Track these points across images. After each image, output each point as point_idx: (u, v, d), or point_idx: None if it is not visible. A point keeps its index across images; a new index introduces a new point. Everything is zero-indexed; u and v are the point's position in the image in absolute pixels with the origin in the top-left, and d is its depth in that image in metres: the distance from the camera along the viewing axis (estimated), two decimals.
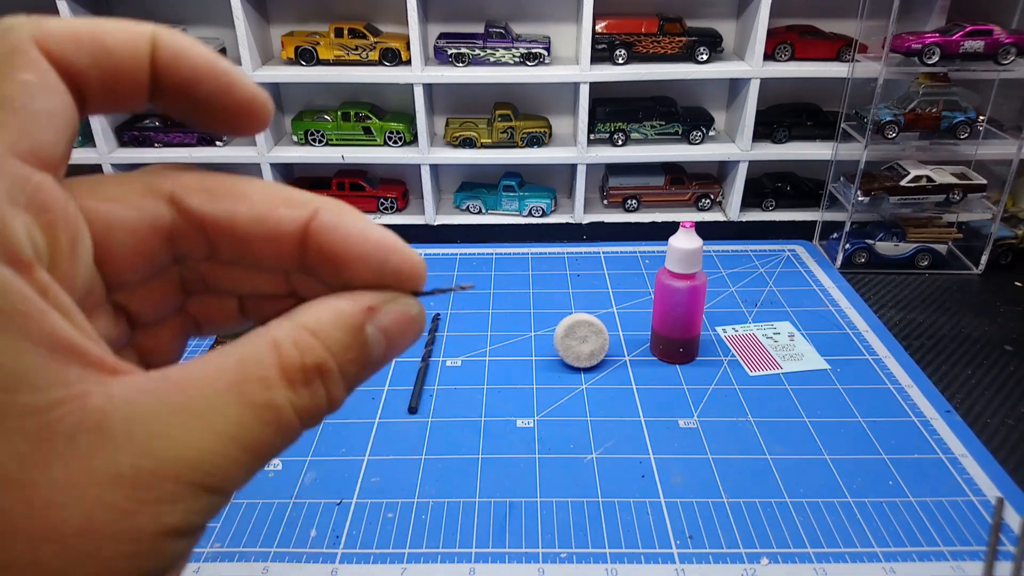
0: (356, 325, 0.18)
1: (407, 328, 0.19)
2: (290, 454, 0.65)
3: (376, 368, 0.19)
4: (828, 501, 0.60)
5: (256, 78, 1.00)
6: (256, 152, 1.05)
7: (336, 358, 0.17)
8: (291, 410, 0.16)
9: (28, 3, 1.04)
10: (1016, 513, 0.58)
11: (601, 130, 1.05)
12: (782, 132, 1.07)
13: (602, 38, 0.99)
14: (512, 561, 0.55)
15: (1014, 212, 1.02)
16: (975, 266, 0.97)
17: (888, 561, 0.55)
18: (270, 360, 0.16)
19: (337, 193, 1.09)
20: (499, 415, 0.70)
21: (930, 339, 0.82)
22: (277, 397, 0.16)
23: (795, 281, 0.94)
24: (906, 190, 0.94)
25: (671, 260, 0.73)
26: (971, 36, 0.88)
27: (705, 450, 0.65)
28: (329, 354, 0.17)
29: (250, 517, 0.59)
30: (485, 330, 0.84)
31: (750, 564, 0.55)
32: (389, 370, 0.77)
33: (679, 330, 0.75)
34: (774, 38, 0.99)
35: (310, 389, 0.17)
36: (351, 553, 0.56)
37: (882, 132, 0.92)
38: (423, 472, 0.64)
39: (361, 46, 1.00)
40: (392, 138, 1.06)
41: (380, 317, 0.18)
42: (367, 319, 0.18)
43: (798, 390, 0.73)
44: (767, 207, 1.10)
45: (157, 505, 0.15)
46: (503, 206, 1.09)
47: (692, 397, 0.72)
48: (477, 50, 1.00)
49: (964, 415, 0.70)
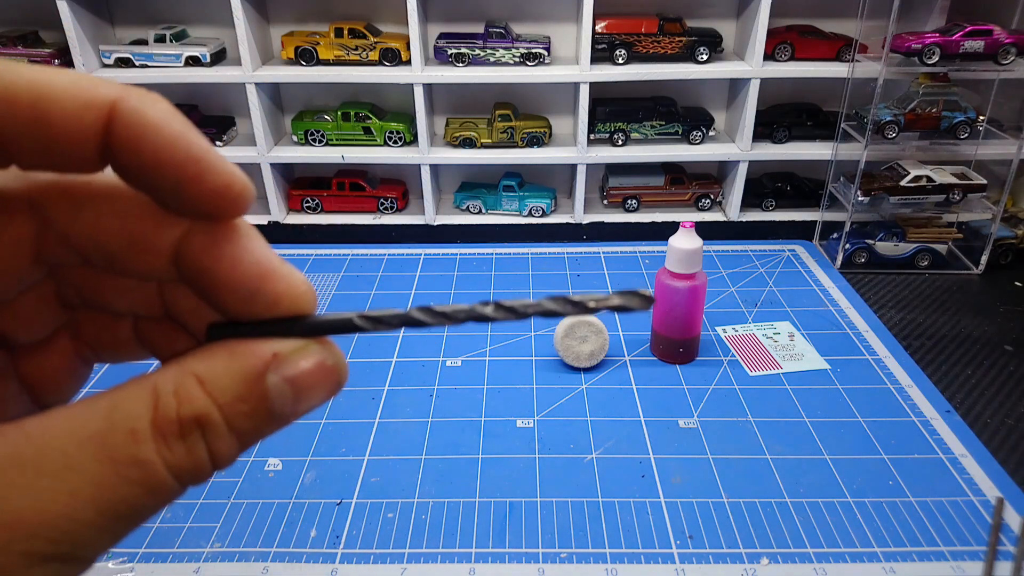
0: (253, 374, 0.16)
1: (321, 379, 0.16)
2: (290, 454, 0.65)
3: (284, 422, 0.16)
4: (828, 501, 0.60)
5: (256, 78, 1.00)
6: (256, 152, 1.04)
7: (224, 410, 0.15)
8: (162, 467, 0.14)
9: (28, 3, 1.04)
10: (1016, 513, 0.58)
11: (601, 130, 1.05)
12: (782, 132, 1.07)
13: (602, 38, 0.99)
14: (512, 561, 0.55)
15: (1014, 212, 1.02)
16: (975, 266, 0.97)
17: (888, 561, 0.55)
18: (142, 409, 0.15)
19: (337, 193, 1.09)
20: (499, 415, 0.70)
21: (930, 339, 0.82)
22: (145, 452, 0.14)
23: (795, 281, 0.94)
24: (906, 190, 0.94)
25: (671, 260, 0.73)
26: (971, 36, 0.88)
27: (705, 450, 0.65)
28: (213, 405, 0.15)
29: (250, 517, 0.59)
30: (485, 330, 0.84)
31: (750, 564, 0.55)
32: (389, 370, 0.77)
33: (679, 330, 0.75)
34: (774, 38, 0.99)
35: (186, 444, 0.15)
36: (351, 553, 0.56)
37: (882, 132, 0.92)
38: (423, 472, 0.64)
39: (361, 46, 1.00)
40: (392, 138, 1.06)
41: (287, 366, 0.16)
42: (269, 367, 0.16)
43: (798, 390, 0.73)
44: (767, 207, 1.10)
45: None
46: (503, 206, 1.09)
47: (692, 397, 0.72)
48: (477, 50, 1.00)
49: (964, 415, 0.70)
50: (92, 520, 0.14)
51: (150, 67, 1.01)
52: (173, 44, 1.01)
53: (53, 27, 0.99)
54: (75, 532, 0.14)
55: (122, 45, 1.02)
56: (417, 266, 0.99)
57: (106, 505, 0.14)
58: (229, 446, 0.16)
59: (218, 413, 0.15)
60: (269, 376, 0.16)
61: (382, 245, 1.05)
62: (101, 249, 0.17)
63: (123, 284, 0.18)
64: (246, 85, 1.00)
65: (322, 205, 1.10)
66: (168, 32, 1.01)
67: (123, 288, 0.18)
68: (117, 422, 0.14)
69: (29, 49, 1.01)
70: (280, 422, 0.16)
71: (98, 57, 1.02)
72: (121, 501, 0.14)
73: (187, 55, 1.01)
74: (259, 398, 0.16)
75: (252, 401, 0.16)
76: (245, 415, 0.15)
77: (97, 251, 0.17)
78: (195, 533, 0.58)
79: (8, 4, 1.05)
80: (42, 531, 0.13)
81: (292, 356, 0.16)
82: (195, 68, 1.01)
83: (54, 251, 0.17)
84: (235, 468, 0.64)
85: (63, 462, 0.14)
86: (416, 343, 0.82)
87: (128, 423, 0.14)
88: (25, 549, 0.13)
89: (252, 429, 0.16)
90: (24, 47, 1.01)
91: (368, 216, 1.10)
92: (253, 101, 1.01)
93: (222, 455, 0.15)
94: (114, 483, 0.14)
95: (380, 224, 1.09)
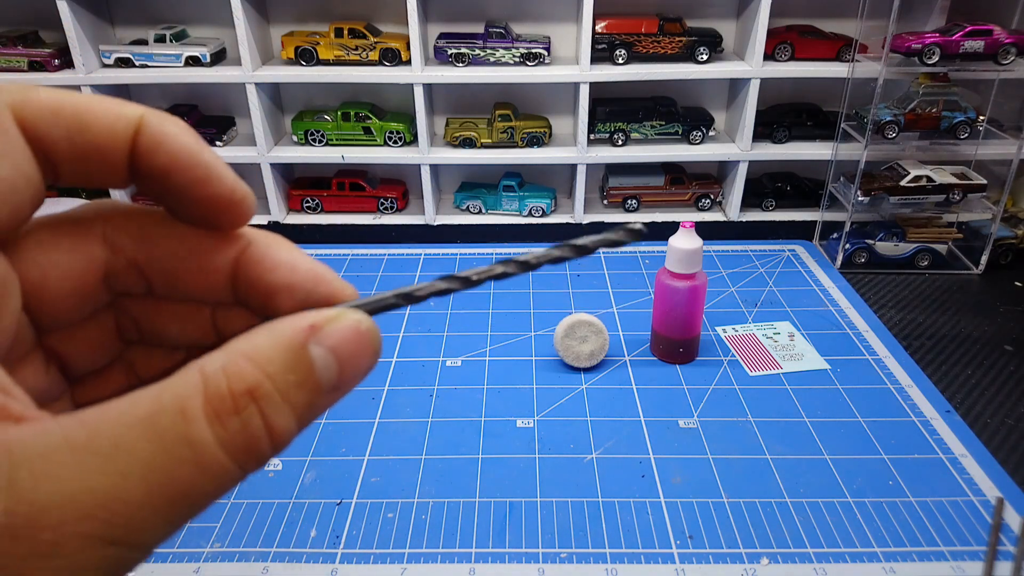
0: (297, 344, 0.16)
1: (359, 345, 0.17)
2: (290, 454, 0.65)
3: (332, 396, 0.17)
4: (828, 501, 0.60)
5: (256, 78, 1.00)
6: (256, 152, 1.05)
7: (275, 381, 0.15)
8: (216, 446, 0.14)
9: (28, 3, 1.04)
10: (1016, 513, 0.58)
11: (601, 130, 1.05)
12: (782, 132, 1.07)
13: (602, 38, 0.99)
14: (512, 561, 0.55)
15: (1014, 212, 1.02)
16: (975, 266, 0.97)
17: (888, 561, 0.55)
18: (193, 390, 0.15)
19: (337, 193, 1.09)
20: (499, 415, 0.70)
21: (930, 339, 0.82)
22: (197, 431, 0.14)
23: (795, 281, 0.94)
24: (906, 190, 0.94)
25: (671, 260, 0.73)
26: (971, 36, 0.88)
27: (705, 450, 0.65)
28: (264, 376, 0.15)
29: (250, 517, 0.59)
30: (485, 330, 0.84)
31: (750, 564, 0.55)
32: (389, 370, 0.77)
33: (679, 330, 0.75)
34: (774, 38, 0.99)
35: (241, 418, 0.15)
36: (351, 553, 0.56)
37: (882, 132, 0.92)
38: (423, 472, 0.64)
39: (361, 46, 1.00)
40: (392, 138, 1.06)
41: (325, 335, 0.16)
42: (308, 337, 0.16)
43: (798, 390, 0.73)
44: (767, 207, 1.10)
45: (29, 560, 0.13)
46: (503, 206, 1.09)
47: (692, 397, 0.72)
48: (477, 50, 1.00)
49: (964, 415, 0.70)
50: (144, 501, 0.14)
51: (150, 67, 1.01)
52: (173, 44, 1.01)
53: (53, 27, 0.99)
54: (128, 514, 0.14)
55: (122, 45, 1.02)
56: (417, 266, 0.99)
57: (158, 486, 0.14)
58: (286, 420, 0.16)
59: (270, 384, 0.15)
60: (311, 346, 0.16)
61: (382, 245, 1.05)
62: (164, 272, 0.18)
63: (180, 312, 0.19)
64: (246, 85, 1.00)
65: (322, 205, 1.10)
66: (168, 32, 1.01)
67: (179, 316, 0.19)
68: (166, 403, 0.14)
69: (29, 49, 1.01)
70: (331, 395, 0.17)
71: (98, 57, 1.02)
72: (173, 482, 0.14)
73: (187, 55, 1.01)
74: (306, 368, 0.16)
75: (300, 371, 0.16)
76: (296, 386, 0.16)
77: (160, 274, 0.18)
78: (195, 533, 0.58)
79: (8, 4, 1.05)
80: (95, 511, 0.13)
81: (328, 324, 0.17)
82: (195, 68, 1.01)
83: (121, 276, 0.19)
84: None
85: (114, 443, 0.14)
86: (416, 343, 0.82)
87: (177, 403, 0.14)
88: (78, 530, 0.13)
89: (306, 402, 0.16)
90: (24, 47, 1.00)
91: (368, 216, 1.10)
92: (253, 101, 1.01)
93: (280, 431, 0.15)
94: (165, 464, 0.14)
95: (380, 224, 1.09)
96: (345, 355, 0.17)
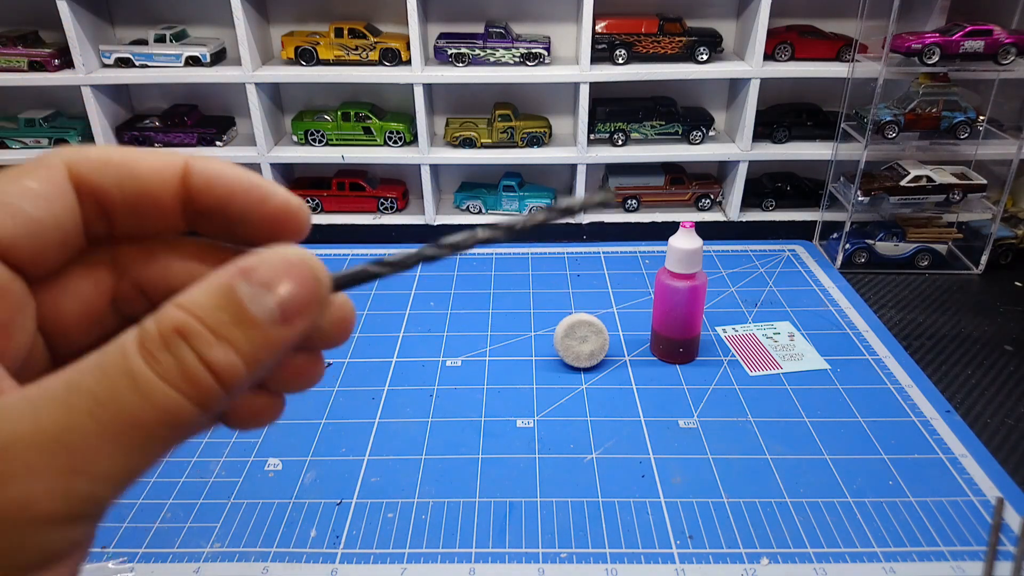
0: (224, 284, 0.17)
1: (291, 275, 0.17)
2: (290, 454, 0.65)
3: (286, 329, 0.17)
4: (828, 501, 0.60)
5: (256, 78, 1.00)
6: (256, 152, 1.05)
7: (205, 321, 0.16)
8: (155, 378, 0.15)
9: (28, 3, 1.04)
10: (1016, 513, 0.58)
11: (601, 130, 1.05)
12: (782, 132, 1.07)
13: (602, 38, 0.99)
14: (512, 561, 0.55)
15: (1014, 212, 1.02)
16: (975, 266, 0.97)
17: (888, 561, 0.55)
18: (130, 335, 0.16)
19: (337, 193, 1.09)
20: (499, 415, 0.70)
21: (930, 339, 0.82)
22: (135, 364, 0.16)
23: (795, 281, 0.94)
24: (906, 190, 0.94)
25: (671, 260, 0.73)
26: (971, 36, 0.88)
27: (705, 450, 0.65)
28: (189, 316, 0.16)
29: (250, 517, 0.59)
30: (485, 330, 0.84)
31: (750, 564, 0.55)
32: (389, 370, 0.77)
33: (679, 330, 0.75)
34: (774, 38, 0.99)
35: (172, 353, 0.16)
36: (351, 553, 0.56)
37: (882, 132, 0.92)
38: (423, 472, 0.64)
39: (361, 46, 1.00)
40: (392, 138, 1.06)
41: (252, 271, 0.17)
42: (236, 277, 0.17)
43: (798, 390, 0.73)
44: (767, 207, 1.10)
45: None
46: (503, 206, 1.09)
47: (692, 397, 0.72)
48: (477, 50, 1.00)
49: (964, 415, 0.70)
50: (96, 430, 0.15)
51: (150, 67, 1.01)
52: (173, 44, 1.01)
53: (53, 27, 0.99)
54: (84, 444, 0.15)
55: (122, 45, 1.02)
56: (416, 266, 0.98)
57: (107, 416, 0.15)
58: (224, 355, 0.16)
59: (196, 323, 0.16)
60: (239, 284, 0.17)
61: (382, 245, 1.05)
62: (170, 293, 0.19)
63: None
64: (246, 85, 1.01)
65: (322, 205, 1.10)
66: (168, 32, 1.01)
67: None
68: (110, 348, 0.16)
69: (29, 49, 1.01)
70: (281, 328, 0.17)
71: (98, 57, 1.02)
72: (122, 413, 0.15)
73: (187, 55, 1.01)
74: (236, 305, 0.16)
75: (230, 309, 0.16)
76: (231, 324, 0.16)
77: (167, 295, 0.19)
78: (195, 533, 0.58)
79: (8, 4, 1.05)
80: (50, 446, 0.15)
81: (260, 260, 0.17)
82: (195, 68, 1.01)
83: (129, 299, 0.20)
84: (235, 468, 0.64)
85: (65, 385, 0.15)
86: (416, 343, 0.82)
87: (118, 345, 0.16)
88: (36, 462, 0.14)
89: (246, 338, 0.16)
90: (24, 47, 1.00)
91: (368, 216, 1.10)
92: (253, 101, 1.01)
93: (221, 366, 0.16)
94: (110, 395, 0.15)
95: (380, 224, 1.09)
96: (275, 285, 0.17)
